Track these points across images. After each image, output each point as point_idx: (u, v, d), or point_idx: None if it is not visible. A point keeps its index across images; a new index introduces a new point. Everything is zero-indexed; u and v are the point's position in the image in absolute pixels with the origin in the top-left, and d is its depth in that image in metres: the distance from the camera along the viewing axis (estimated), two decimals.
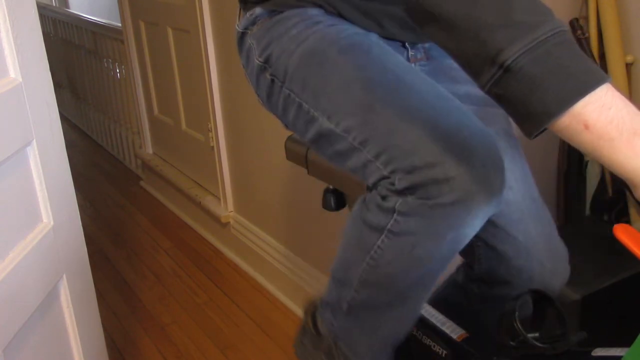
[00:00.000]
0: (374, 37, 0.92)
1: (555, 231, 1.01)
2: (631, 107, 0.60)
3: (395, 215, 0.79)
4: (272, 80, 0.93)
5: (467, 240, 0.81)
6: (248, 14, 1.00)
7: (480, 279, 1.05)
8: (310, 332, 1.05)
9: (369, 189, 0.84)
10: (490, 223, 0.90)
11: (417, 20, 0.68)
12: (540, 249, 0.97)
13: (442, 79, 0.99)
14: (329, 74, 0.86)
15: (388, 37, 0.96)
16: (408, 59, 0.99)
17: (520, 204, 0.96)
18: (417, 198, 0.76)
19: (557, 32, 0.60)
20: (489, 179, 0.75)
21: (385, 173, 0.79)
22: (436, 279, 0.88)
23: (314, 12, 0.94)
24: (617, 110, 0.59)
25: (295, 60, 0.89)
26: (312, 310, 1.07)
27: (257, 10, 0.98)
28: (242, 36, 1.01)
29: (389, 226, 0.80)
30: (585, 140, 0.60)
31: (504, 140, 0.98)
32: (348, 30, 0.90)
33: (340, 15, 0.94)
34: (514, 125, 0.67)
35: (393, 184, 0.78)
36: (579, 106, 0.58)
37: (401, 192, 0.78)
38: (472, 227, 0.79)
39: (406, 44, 0.99)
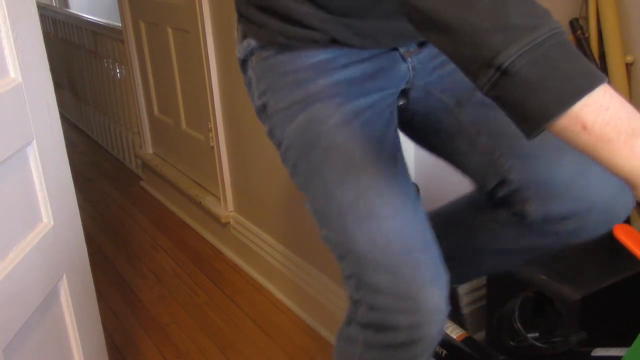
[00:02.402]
0: (363, 118, 0.93)
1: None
2: (629, 108, 0.60)
3: (360, 346, 0.93)
4: (269, 131, 1.01)
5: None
6: (245, 44, 1.02)
7: (544, 219, 0.98)
8: None
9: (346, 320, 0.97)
10: (531, 159, 0.92)
11: (416, 25, 0.69)
12: (594, 169, 0.92)
13: (435, 62, 1.02)
14: (313, 175, 0.94)
15: (382, 47, 0.98)
16: (402, 57, 1.00)
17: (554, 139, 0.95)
18: (375, 334, 0.90)
19: (553, 33, 0.60)
20: (434, 327, 0.87)
21: (355, 297, 0.91)
22: None
23: (305, 57, 0.95)
24: (615, 111, 0.59)
25: (286, 139, 0.97)
26: None
27: (252, 42, 1.00)
28: (243, 63, 1.05)
29: (356, 355, 0.95)
30: (583, 141, 0.60)
31: None
32: (334, 116, 0.92)
33: (335, 41, 0.94)
34: None
35: (357, 314, 0.92)
36: (577, 108, 0.59)
37: (363, 325, 0.91)
38: (424, 355, 0.91)
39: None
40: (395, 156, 0.95)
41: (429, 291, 0.87)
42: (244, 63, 1.05)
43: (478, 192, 1.05)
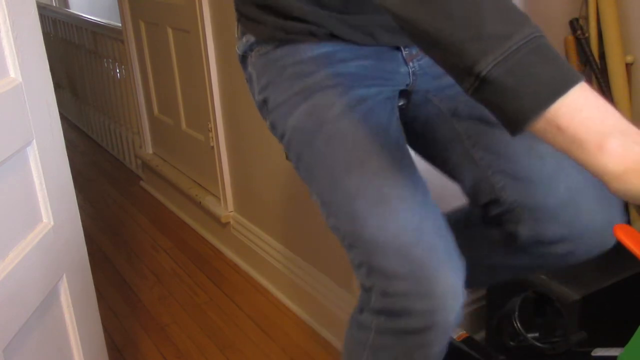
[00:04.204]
0: (363, 110, 0.93)
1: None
2: (603, 108, 0.62)
3: (372, 332, 0.91)
4: (271, 125, 1.00)
5: (438, 349, 0.89)
6: (244, 39, 1.02)
7: (535, 242, 1.00)
8: None
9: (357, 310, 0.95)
10: (525, 182, 0.92)
11: (400, 28, 0.71)
12: (587, 196, 0.94)
13: (437, 70, 1.00)
14: (317, 164, 0.93)
15: (381, 44, 0.98)
16: (404, 60, 1.00)
17: (554, 154, 0.93)
18: (388, 320, 0.88)
19: (529, 39, 0.62)
20: (449, 309, 0.85)
21: (366, 284, 0.89)
22: None
23: (304, 51, 0.95)
24: (589, 112, 0.61)
25: (288, 129, 0.96)
26: None
27: (251, 37, 1.01)
28: (243, 59, 1.05)
29: (369, 342, 0.92)
30: (559, 141, 0.62)
31: None
32: (336, 106, 0.92)
33: (332, 35, 0.95)
34: None
35: (369, 301, 0.89)
36: (552, 111, 0.61)
37: (376, 311, 0.89)
38: (438, 343, 0.89)
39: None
40: (400, 145, 0.93)
41: (444, 274, 0.84)
42: (243, 59, 1.05)
43: (471, 206, 1.06)
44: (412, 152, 0.98)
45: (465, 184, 1.04)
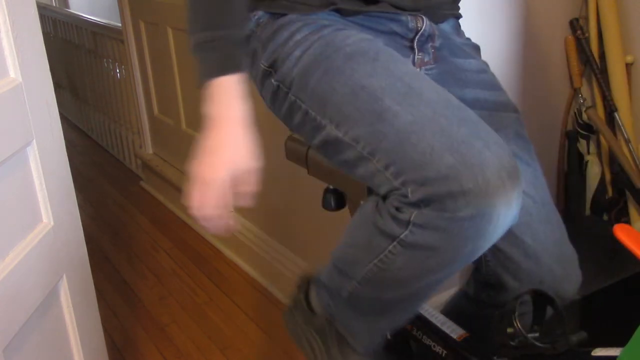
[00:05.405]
0: (380, 43, 0.91)
1: (566, 235, 1.00)
2: (233, 101, 0.93)
3: (410, 227, 0.77)
4: (278, 86, 0.94)
5: (482, 251, 0.80)
6: (251, 15, 1.00)
7: (489, 285, 1.03)
8: (302, 307, 1.06)
9: (382, 198, 0.83)
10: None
11: None
12: (549, 253, 0.97)
13: (450, 81, 0.98)
14: (336, 81, 0.86)
15: (397, 7, 0.95)
16: (414, 63, 0.98)
17: (529, 207, 0.95)
18: (433, 210, 0.74)
19: (221, 37, 0.87)
20: (505, 190, 0.73)
21: (396, 184, 0.78)
22: (444, 281, 0.86)
23: (316, 16, 0.94)
24: (220, 98, 0.93)
25: (300, 67, 0.90)
26: (306, 287, 1.08)
27: (260, 12, 0.98)
28: (247, 39, 1.01)
29: (402, 236, 0.79)
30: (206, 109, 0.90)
31: (515, 143, 0.98)
32: (353, 37, 0.90)
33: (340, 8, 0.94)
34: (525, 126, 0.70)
35: (406, 196, 0.77)
36: (209, 86, 0.91)
37: (416, 204, 0.76)
38: (491, 239, 0.77)
39: (415, 44, 0.97)
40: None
41: (494, 146, 0.74)
42: (248, 39, 1.00)
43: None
44: None
45: None
